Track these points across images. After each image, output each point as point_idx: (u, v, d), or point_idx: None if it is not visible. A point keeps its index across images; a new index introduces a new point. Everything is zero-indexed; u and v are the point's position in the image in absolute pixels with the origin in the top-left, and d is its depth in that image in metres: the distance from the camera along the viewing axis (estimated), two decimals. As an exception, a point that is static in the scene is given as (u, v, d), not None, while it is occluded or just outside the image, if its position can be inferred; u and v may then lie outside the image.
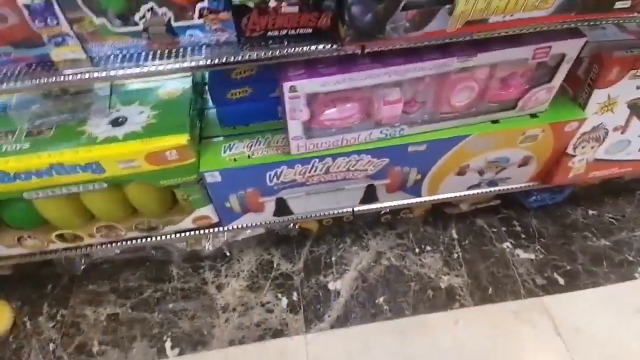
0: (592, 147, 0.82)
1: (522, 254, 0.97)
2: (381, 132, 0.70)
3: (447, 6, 0.49)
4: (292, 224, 1.00)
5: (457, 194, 0.88)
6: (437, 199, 0.88)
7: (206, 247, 0.94)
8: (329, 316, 0.89)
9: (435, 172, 0.80)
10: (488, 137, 0.74)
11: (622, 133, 0.81)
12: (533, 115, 0.75)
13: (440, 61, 0.60)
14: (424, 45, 0.56)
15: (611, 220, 1.02)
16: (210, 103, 0.76)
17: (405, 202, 0.87)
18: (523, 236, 1.01)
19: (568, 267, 0.94)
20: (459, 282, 0.93)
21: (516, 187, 0.89)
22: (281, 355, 0.83)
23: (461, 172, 0.82)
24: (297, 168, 0.72)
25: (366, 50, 0.54)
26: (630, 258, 0.94)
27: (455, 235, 1.02)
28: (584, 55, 0.72)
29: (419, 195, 0.86)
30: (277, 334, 0.87)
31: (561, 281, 0.92)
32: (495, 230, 1.02)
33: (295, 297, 0.92)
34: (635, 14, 0.56)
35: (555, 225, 1.02)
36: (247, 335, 0.87)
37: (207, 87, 0.79)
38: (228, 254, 1.00)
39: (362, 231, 1.04)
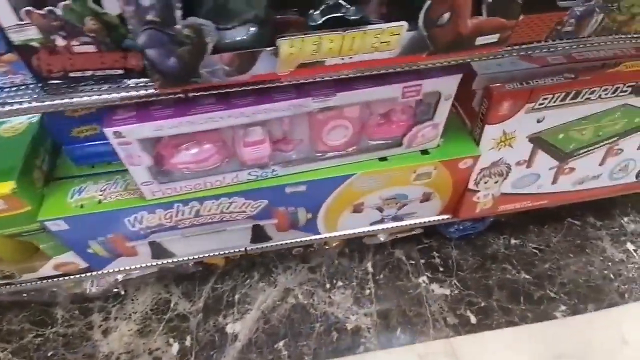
0: (496, 182, 0.77)
1: (437, 290, 0.91)
2: (249, 173, 0.63)
3: (269, 48, 0.43)
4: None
5: (361, 230, 0.82)
6: (338, 236, 0.82)
7: (87, 290, 0.86)
8: (222, 364, 0.82)
9: (326, 211, 0.73)
10: (376, 176, 0.68)
11: (527, 167, 0.75)
12: (424, 152, 0.69)
13: (294, 101, 0.53)
14: (278, 85, 0.50)
15: (534, 250, 0.97)
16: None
17: (301, 239, 0.80)
18: (441, 269, 0.95)
19: (482, 304, 0.88)
20: (367, 322, 0.86)
21: (425, 222, 0.84)
22: (162, 412, 0.77)
23: (357, 210, 0.76)
24: (160, 213, 0.64)
25: (192, 94, 0.47)
26: (552, 294, 0.89)
27: (370, 269, 0.96)
28: (476, 88, 0.67)
29: (317, 233, 0.80)
30: (163, 385, 0.80)
31: (473, 320, 0.86)
32: (413, 262, 0.96)
33: (188, 342, 0.84)
34: (505, 48, 0.50)
35: (475, 256, 0.97)
36: (129, 387, 0.80)
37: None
38: (123, 292, 0.92)
39: (273, 265, 0.97)
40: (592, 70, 0.65)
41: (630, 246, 0.96)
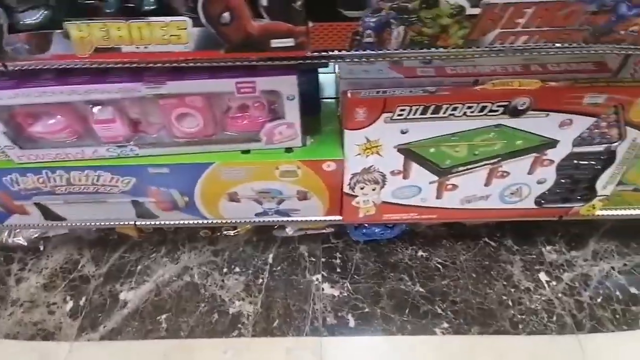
0: (374, 190, 0.76)
1: (327, 289, 0.92)
2: (108, 150, 0.66)
3: (59, 31, 0.45)
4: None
5: (244, 219, 0.84)
6: (221, 223, 0.85)
7: (3, 240, 0.94)
8: (105, 327, 0.87)
9: (201, 196, 0.76)
10: (237, 167, 0.69)
11: (405, 178, 0.74)
12: (288, 150, 0.69)
13: (125, 85, 0.56)
14: (114, 67, 0.53)
15: (438, 265, 0.95)
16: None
17: (189, 221, 0.83)
18: (338, 270, 0.95)
19: (366, 310, 0.88)
20: (250, 310, 0.89)
21: (312, 220, 0.85)
22: (40, 359, 0.83)
23: (234, 199, 0.78)
24: (32, 177, 0.69)
25: (10, 69, 0.51)
26: (439, 310, 0.87)
27: (270, 260, 0.97)
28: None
29: (203, 217, 0.82)
30: (48, 336, 0.86)
31: (352, 324, 0.86)
32: (313, 260, 0.97)
33: (82, 302, 0.90)
34: (301, 53, 0.49)
35: (377, 262, 0.96)
36: (21, 331, 0.86)
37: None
38: (42, 248, 1.00)
39: (181, 243, 1.01)
40: (458, 86, 0.63)
41: (543, 277, 0.92)
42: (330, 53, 0.48)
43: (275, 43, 0.47)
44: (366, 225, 0.96)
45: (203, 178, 0.71)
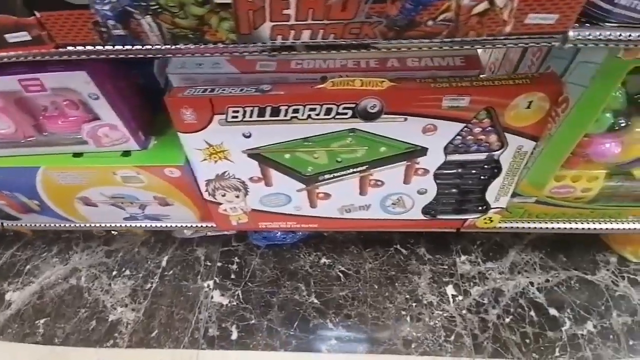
0: (237, 197, 0.68)
1: (217, 297, 0.85)
2: None
3: None
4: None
5: (114, 223, 0.77)
6: (92, 227, 0.79)
7: None
8: (-18, 329, 0.84)
9: (51, 200, 0.70)
10: (71, 172, 0.62)
11: (268, 186, 0.66)
12: (126, 154, 0.62)
13: None
14: None
15: (340, 274, 0.87)
16: None
17: (57, 224, 0.78)
18: (233, 276, 0.88)
19: (253, 321, 0.81)
20: (131, 318, 0.84)
21: (186, 226, 0.78)
22: None
23: (88, 204, 0.71)
24: None
25: None
26: (330, 325, 0.80)
27: (164, 263, 0.91)
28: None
29: (67, 220, 0.76)
30: None
31: (234, 336, 0.80)
32: (209, 264, 0.91)
33: (-36, 301, 0.88)
34: (45, 47, 0.41)
35: (275, 269, 0.89)
36: None
37: None
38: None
39: (75, 242, 0.96)
40: (294, 85, 0.54)
41: (450, 290, 0.83)
42: (89, 48, 0.40)
43: (10, 38, 0.39)
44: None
45: (39, 182, 0.64)
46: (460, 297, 0.83)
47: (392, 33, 0.36)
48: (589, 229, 0.72)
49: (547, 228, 0.72)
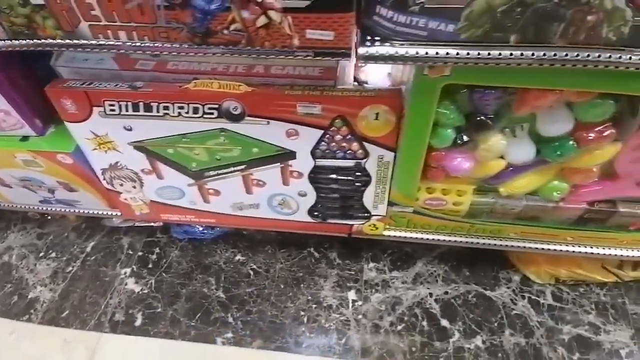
0: (134, 187, 0.72)
1: (130, 284, 0.89)
2: None
3: None
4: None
5: (31, 206, 0.83)
6: (15, 207, 0.84)
7: None
8: None
9: (-28, 179, 0.75)
10: (-24, 153, 0.68)
11: (160, 179, 0.70)
12: (25, 139, 0.67)
13: None
14: None
15: (251, 271, 0.90)
16: None
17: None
18: (150, 266, 0.92)
19: (158, 310, 0.85)
20: (47, 297, 0.88)
21: (94, 212, 0.82)
22: None
23: (3, 184, 0.76)
24: None
25: None
26: (230, 319, 0.82)
27: (89, 249, 0.96)
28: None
29: (-7, 199, 0.82)
30: None
31: (138, 322, 0.83)
32: (130, 253, 0.95)
33: None
34: None
35: (191, 262, 0.92)
36: None
37: None
38: None
39: (14, 222, 1.01)
40: (164, 84, 0.57)
41: (351, 295, 0.85)
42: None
43: None
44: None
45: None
46: (360, 303, 0.84)
47: (198, 39, 0.40)
48: (476, 243, 0.74)
49: (437, 240, 0.74)
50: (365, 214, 0.70)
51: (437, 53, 0.40)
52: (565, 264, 0.80)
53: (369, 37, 0.41)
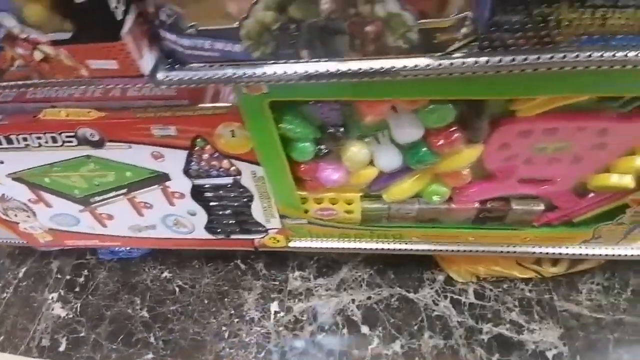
0: (28, 217, 0.71)
1: (57, 309, 0.89)
2: None
3: None
4: None
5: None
6: None
7: None
8: None
9: None
10: None
11: (49, 207, 0.68)
12: None
13: None
14: None
15: (177, 288, 0.89)
16: None
17: None
18: (77, 289, 0.91)
19: (82, 334, 0.84)
20: (-20, 325, 0.89)
21: (11, 242, 0.82)
22: None
23: None
24: None
25: None
26: (152, 339, 0.81)
27: (21, 275, 0.94)
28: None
29: None
30: None
31: (62, 347, 0.83)
32: (59, 277, 0.94)
33: None
34: None
35: (118, 282, 0.91)
36: None
37: None
38: None
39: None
40: (16, 115, 0.56)
41: (274, 307, 0.84)
42: None
43: None
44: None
45: None
46: (282, 314, 0.83)
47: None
48: (383, 249, 0.73)
49: (343, 248, 0.73)
50: (261, 228, 0.68)
51: (234, 73, 0.38)
52: (483, 262, 0.78)
53: (169, 61, 0.40)
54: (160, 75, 0.39)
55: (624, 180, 0.52)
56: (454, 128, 0.47)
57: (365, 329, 0.80)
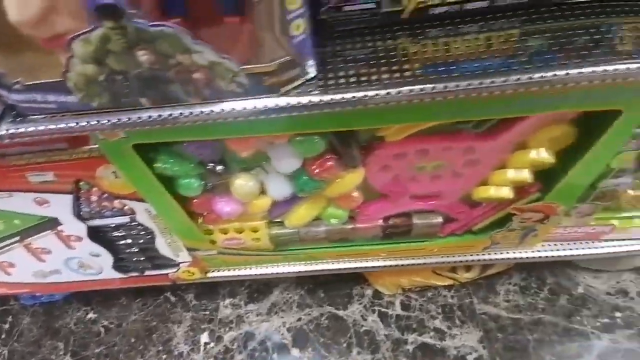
0: None
1: (-24, 362, 0.85)
2: None
3: None
4: None
5: None
6: None
7: None
8: None
9: None
10: None
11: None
12: None
13: None
14: None
15: (102, 329, 0.85)
16: None
17: None
18: (3, 336, 0.86)
19: (2, 386, 0.81)
20: None
21: None
22: None
23: None
24: None
25: None
26: (79, 383, 0.79)
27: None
28: None
29: None
30: None
31: (-20, 404, 0.80)
32: (-18, 327, 0.90)
33: None
34: None
35: (42, 327, 0.87)
36: None
37: None
38: None
39: None
40: None
41: (204, 338, 0.82)
42: None
43: None
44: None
45: None
46: (212, 344, 0.82)
47: None
48: (301, 271, 0.73)
49: (258, 275, 0.73)
50: (172, 262, 0.67)
51: (77, 123, 0.37)
52: (405, 273, 0.80)
53: (13, 114, 0.38)
54: (1, 130, 0.37)
55: (502, 191, 0.55)
56: (328, 156, 0.48)
57: (295, 352, 0.79)
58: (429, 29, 0.41)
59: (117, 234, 0.62)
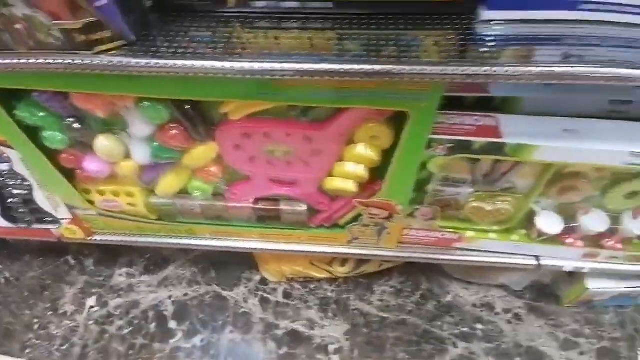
0: None
1: None
2: None
3: None
4: None
5: None
6: None
7: None
8: None
9: None
10: None
11: None
12: None
13: None
14: None
15: (3, 280, 0.88)
16: None
17: None
18: None
19: None
20: None
21: None
22: None
23: None
24: None
25: None
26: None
27: None
28: None
29: None
30: None
31: None
32: None
33: None
34: None
35: (-59, 273, 0.91)
36: None
37: None
38: None
39: None
40: None
41: (91, 301, 0.85)
42: None
43: None
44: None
45: None
46: (97, 309, 0.85)
47: None
48: (176, 244, 0.75)
49: (137, 242, 0.76)
50: (52, 218, 0.71)
51: None
52: (285, 261, 0.84)
53: None
54: None
55: (348, 184, 0.59)
56: (173, 125, 0.52)
57: (173, 324, 0.82)
58: (257, 20, 0.47)
59: (1, 180, 0.66)
